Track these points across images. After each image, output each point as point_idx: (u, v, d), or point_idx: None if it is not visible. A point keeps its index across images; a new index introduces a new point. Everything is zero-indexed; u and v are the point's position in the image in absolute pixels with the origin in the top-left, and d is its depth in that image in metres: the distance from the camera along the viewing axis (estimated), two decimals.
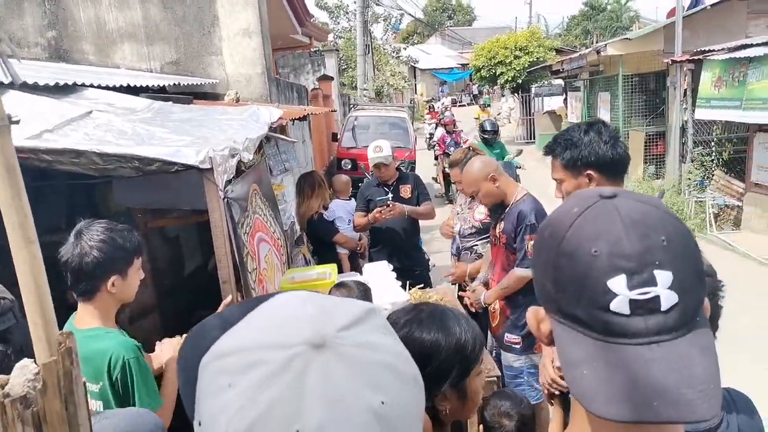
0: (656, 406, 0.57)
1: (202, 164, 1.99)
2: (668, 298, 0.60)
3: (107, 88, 3.49)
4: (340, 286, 2.25)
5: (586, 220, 0.65)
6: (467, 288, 3.24)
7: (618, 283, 0.60)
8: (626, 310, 0.60)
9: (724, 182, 8.29)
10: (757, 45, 6.50)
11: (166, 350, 1.98)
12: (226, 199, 2.14)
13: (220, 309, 2.22)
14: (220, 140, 2.53)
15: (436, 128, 19.43)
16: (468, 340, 1.19)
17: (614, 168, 1.83)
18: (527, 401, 1.92)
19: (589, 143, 1.81)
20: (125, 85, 3.71)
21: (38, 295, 0.84)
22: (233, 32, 5.05)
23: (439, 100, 27.65)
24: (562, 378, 1.98)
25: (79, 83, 3.24)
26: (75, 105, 2.79)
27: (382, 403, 0.49)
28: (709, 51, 7.62)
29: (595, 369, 0.61)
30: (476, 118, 9.54)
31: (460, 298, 3.35)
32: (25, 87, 2.85)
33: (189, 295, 3.70)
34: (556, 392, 1.99)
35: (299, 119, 4.65)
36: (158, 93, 4.11)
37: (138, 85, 3.96)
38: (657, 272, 0.60)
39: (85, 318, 1.76)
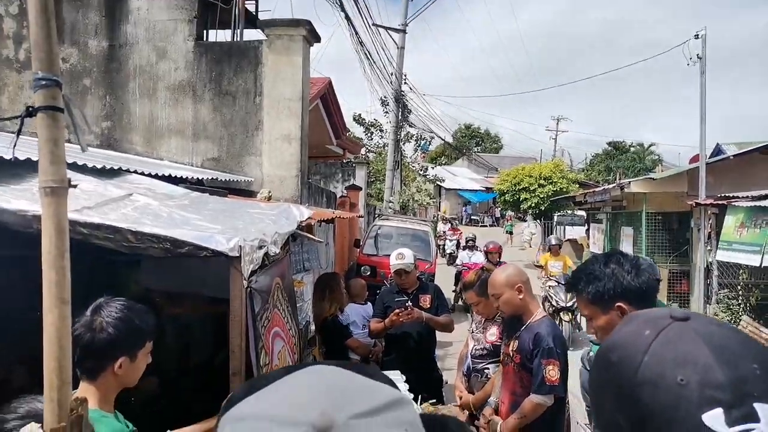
0: None
1: (231, 252, 2.03)
2: None
3: (149, 175, 3.69)
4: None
5: (664, 344, 0.58)
6: (479, 415, 3.08)
7: (715, 418, 0.53)
8: None
9: (752, 329, 8.00)
10: None
11: None
12: (249, 289, 2.15)
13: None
14: (251, 232, 2.60)
15: (458, 247, 19.71)
16: None
17: (643, 297, 1.79)
18: None
19: (612, 275, 1.78)
20: (167, 174, 3.91)
21: (60, 356, 0.84)
22: (275, 137, 5.37)
23: (460, 220, 28.28)
24: None
25: (125, 168, 3.42)
26: (117, 187, 2.93)
27: None
28: (734, 197, 7.76)
29: None
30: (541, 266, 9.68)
31: (473, 420, 3.18)
32: (74, 167, 3.03)
33: (191, 386, 3.59)
34: None
35: (326, 222, 4.77)
36: (196, 185, 4.31)
37: (178, 176, 4.17)
38: (757, 405, 0.53)
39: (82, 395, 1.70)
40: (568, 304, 7.92)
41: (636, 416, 0.57)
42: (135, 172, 3.60)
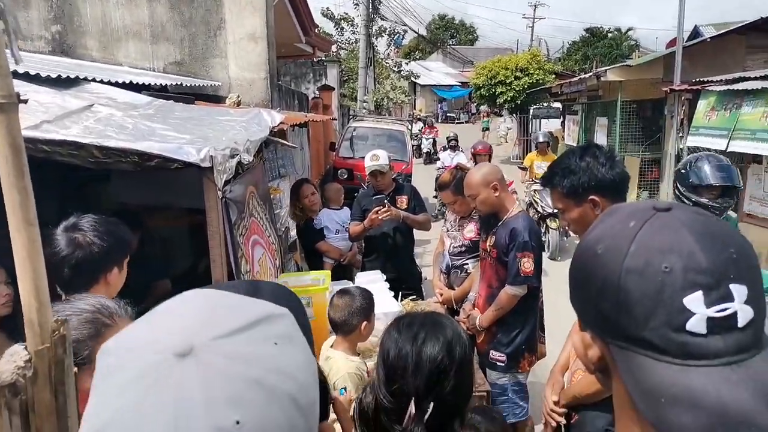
0: None
1: (202, 162, 1.98)
2: (745, 314, 0.57)
3: (109, 83, 3.49)
4: (343, 293, 2.24)
5: (649, 234, 0.61)
6: (460, 310, 3.23)
7: (695, 301, 0.56)
8: (703, 330, 0.56)
9: None
10: (754, 79, 6.59)
11: None
12: (224, 199, 2.13)
13: None
14: (222, 140, 2.53)
15: (434, 146, 19.58)
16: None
17: (616, 189, 1.83)
18: (501, 419, 1.89)
19: (587, 168, 1.81)
20: (128, 82, 3.71)
21: (35, 278, 0.83)
22: (239, 36, 5.07)
23: (437, 117, 27.84)
24: (556, 411, 1.97)
25: (82, 77, 3.23)
26: (76, 98, 2.78)
27: (237, 422, 0.45)
28: (708, 82, 7.73)
29: (675, 396, 0.55)
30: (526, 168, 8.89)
31: (453, 314, 3.34)
32: (27, 77, 2.85)
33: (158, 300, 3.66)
34: (553, 424, 1.98)
35: (299, 126, 4.66)
36: (160, 92, 4.11)
37: (140, 83, 3.97)
38: (733, 286, 0.57)
39: None
40: (555, 210, 7.79)
41: (622, 304, 0.59)
42: (93, 80, 3.40)
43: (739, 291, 0.57)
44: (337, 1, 22.49)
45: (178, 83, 4.40)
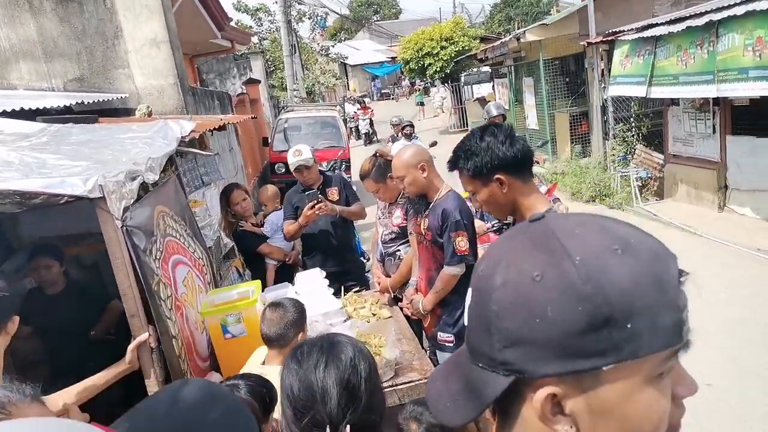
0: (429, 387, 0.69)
1: (91, 193, 1.83)
2: (466, 317, 0.68)
3: None
4: (275, 306, 2.15)
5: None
6: (402, 296, 3.19)
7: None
8: None
9: (645, 155, 8.67)
10: (662, 24, 6.79)
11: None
12: (124, 227, 1.99)
13: (131, 347, 2.08)
14: (121, 162, 2.36)
15: (372, 126, 19.45)
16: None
17: (520, 165, 1.82)
18: None
19: (487, 148, 1.79)
20: (18, 109, 3.44)
21: None
22: (139, 43, 4.79)
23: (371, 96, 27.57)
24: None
25: None
26: None
27: None
28: (620, 32, 7.92)
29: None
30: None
31: (397, 301, 3.31)
32: None
33: (115, 321, 3.48)
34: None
35: (218, 129, 4.47)
36: (63, 114, 3.84)
37: (36, 108, 3.69)
38: (469, 290, 0.64)
39: None
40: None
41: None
42: None
43: (468, 297, 0.66)
44: None
45: (79, 101, 4.12)
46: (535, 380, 0.56)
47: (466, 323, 0.66)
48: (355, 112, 20.60)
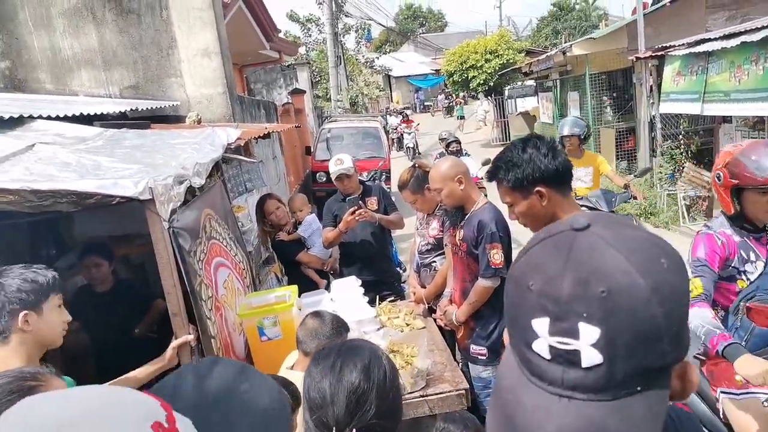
0: None
1: (141, 195, 1.93)
2: (589, 356, 0.54)
3: (58, 118, 3.42)
4: (317, 315, 2.19)
5: (539, 250, 0.61)
6: (436, 307, 3.20)
7: (541, 325, 0.56)
8: (546, 355, 0.56)
9: (694, 174, 8.39)
10: (715, 39, 6.60)
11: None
12: (171, 229, 2.08)
13: (174, 344, 2.16)
14: (170, 167, 2.47)
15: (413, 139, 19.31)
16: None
17: (560, 178, 1.81)
18: (474, 424, 1.86)
19: (530, 160, 1.79)
20: (78, 114, 3.63)
21: None
22: (192, 53, 5.00)
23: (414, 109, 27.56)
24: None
25: (26, 115, 3.16)
26: (19, 139, 2.71)
27: None
28: (671, 47, 7.73)
29: (506, 399, 0.59)
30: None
31: (432, 312, 3.32)
32: None
33: (158, 320, 3.61)
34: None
35: (263, 137, 4.60)
36: (117, 119, 4.04)
37: (94, 113, 3.88)
38: (582, 325, 0.54)
39: (3, 361, 1.69)
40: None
41: (505, 303, 0.64)
42: (40, 117, 3.33)
43: (587, 332, 0.54)
44: (302, 3, 22.32)
45: (134, 108, 4.32)
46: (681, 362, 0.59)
47: (590, 364, 0.54)
48: (398, 125, 20.60)
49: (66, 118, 3.69)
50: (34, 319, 1.70)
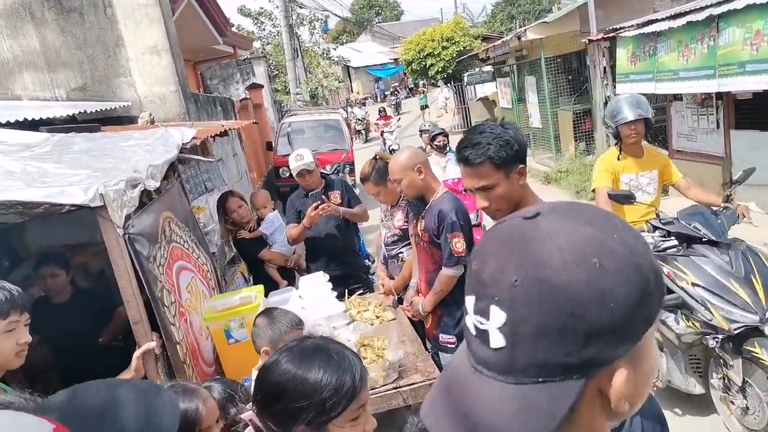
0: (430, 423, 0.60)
1: (92, 202, 1.86)
2: (496, 338, 0.56)
3: (0, 125, 3.26)
4: (263, 314, 2.15)
5: (490, 233, 0.64)
6: (404, 298, 3.20)
7: (469, 302, 0.61)
8: (473, 330, 0.60)
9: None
10: (662, 20, 6.77)
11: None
12: (126, 235, 2.01)
13: (137, 354, 2.09)
14: (122, 170, 2.38)
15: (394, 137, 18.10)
16: (328, 384, 1.11)
17: (525, 155, 1.85)
18: None
19: (514, 137, 1.79)
20: (22, 119, 3.47)
21: None
22: (140, 51, 4.83)
23: (378, 99, 27.41)
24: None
25: None
26: None
27: None
28: (621, 28, 7.90)
29: (452, 361, 0.65)
30: None
31: (402, 303, 3.32)
32: None
33: (122, 328, 3.51)
34: None
35: (221, 135, 4.49)
36: (66, 123, 3.87)
37: (41, 118, 3.72)
38: (492, 308, 0.57)
39: None
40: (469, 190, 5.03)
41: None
42: None
43: (496, 315, 0.57)
44: None
45: (82, 111, 4.16)
46: (601, 369, 0.57)
47: (495, 346, 0.56)
48: (377, 124, 17.73)
49: (9, 125, 3.53)
50: None
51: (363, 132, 21.63)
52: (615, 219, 0.61)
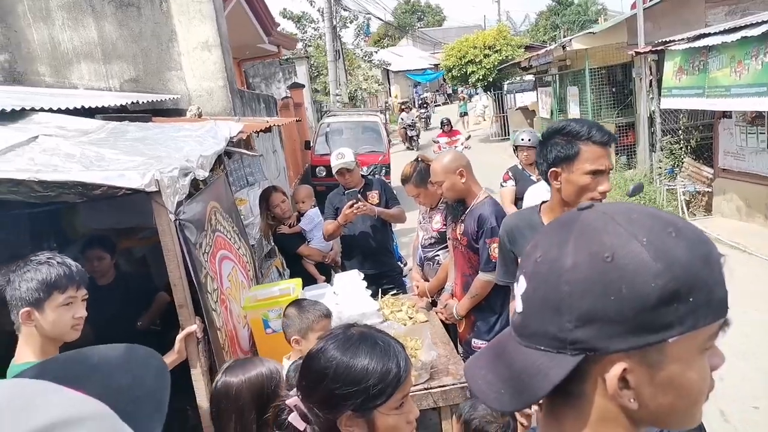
0: (473, 378, 0.69)
1: (147, 187, 1.93)
2: (519, 304, 0.66)
3: (60, 110, 3.40)
4: (293, 304, 2.21)
5: (553, 221, 0.71)
6: (437, 301, 3.21)
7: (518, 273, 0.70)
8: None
9: (693, 169, 8.41)
10: (715, 34, 6.60)
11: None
12: (177, 221, 2.08)
13: (180, 336, 2.16)
14: (174, 159, 2.47)
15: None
16: (374, 372, 1.13)
17: None
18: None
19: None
20: (79, 107, 3.62)
21: None
22: (192, 46, 4.98)
23: (417, 106, 26.65)
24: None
25: (28, 107, 3.14)
26: (21, 131, 2.70)
27: None
28: (670, 41, 7.73)
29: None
30: None
31: (435, 306, 3.32)
32: None
33: (160, 313, 3.62)
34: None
35: (264, 131, 4.59)
36: (118, 113, 4.02)
37: (95, 106, 3.87)
38: (521, 278, 0.66)
39: (19, 351, 1.71)
40: None
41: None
42: (42, 109, 3.31)
43: (522, 284, 0.66)
44: (295, 0, 22.29)
45: (135, 101, 4.30)
46: (604, 357, 0.59)
47: (518, 310, 0.66)
48: (436, 142, 12.43)
49: (67, 111, 3.68)
50: (36, 316, 1.72)
51: (415, 139, 19.62)
52: (664, 217, 0.63)
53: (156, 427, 0.65)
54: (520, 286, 0.66)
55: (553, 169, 1.87)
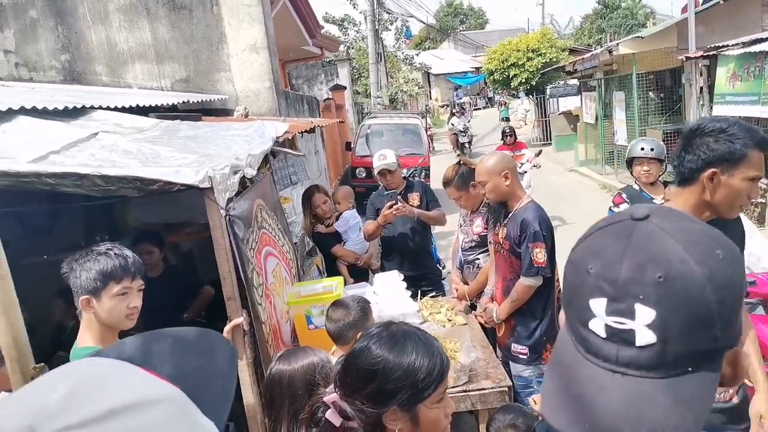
0: (587, 427, 0.59)
1: (201, 183, 2.00)
2: (644, 336, 0.59)
3: (116, 109, 3.56)
4: (337, 305, 2.23)
5: (599, 236, 0.65)
6: (477, 305, 3.20)
7: (598, 305, 0.61)
8: (602, 333, 0.61)
9: None
10: None
11: None
12: (228, 217, 2.15)
13: (228, 328, 2.23)
14: (224, 157, 2.55)
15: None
16: (421, 367, 1.16)
17: None
18: (531, 411, 1.89)
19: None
20: (134, 105, 3.77)
21: (11, 330, 0.85)
22: (241, 48, 5.11)
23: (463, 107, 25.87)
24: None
25: (88, 106, 3.30)
26: (82, 128, 2.84)
27: None
28: (724, 46, 7.48)
29: (561, 374, 0.65)
30: None
31: (474, 309, 3.32)
32: (36, 111, 2.92)
33: (206, 306, 3.73)
34: None
35: (308, 131, 4.67)
36: (169, 111, 4.17)
37: (148, 105, 4.02)
38: (638, 306, 0.59)
39: (81, 336, 1.82)
40: None
41: (564, 287, 0.68)
42: (100, 107, 3.47)
43: (643, 313, 0.58)
44: (338, 3, 22.53)
45: (185, 101, 4.45)
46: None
47: (646, 342, 0.58)
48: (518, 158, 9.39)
49: (123, 109, 3.84)
50: (94, 304, 1.83)
51: (467, 146, 18.44)
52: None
53: (223, 411, 0.67)
54: (640, 318, 0.58)
55: (712, 169, 1.70)
